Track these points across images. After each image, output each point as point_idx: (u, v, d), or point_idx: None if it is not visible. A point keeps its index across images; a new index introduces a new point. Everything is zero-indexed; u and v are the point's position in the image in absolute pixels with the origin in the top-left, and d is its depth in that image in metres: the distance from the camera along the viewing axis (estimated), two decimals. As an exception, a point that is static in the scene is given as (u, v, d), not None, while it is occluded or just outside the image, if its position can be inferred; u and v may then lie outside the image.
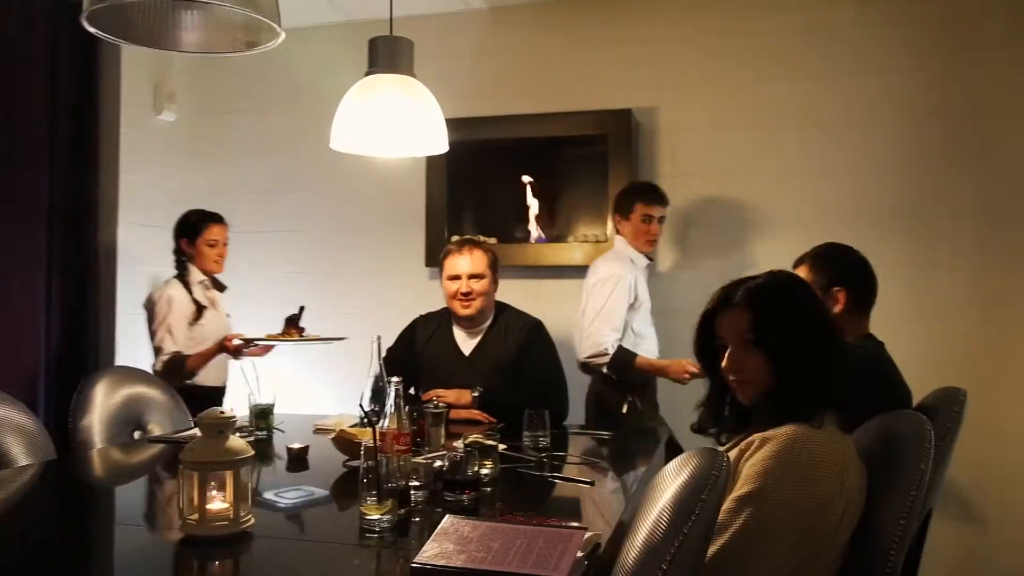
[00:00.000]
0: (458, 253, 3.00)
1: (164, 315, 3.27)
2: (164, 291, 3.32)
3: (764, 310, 1.58)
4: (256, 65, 4.09)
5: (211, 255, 3.38)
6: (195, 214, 3.40)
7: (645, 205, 3.26)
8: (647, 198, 3.27)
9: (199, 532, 1.55)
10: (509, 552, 1.39)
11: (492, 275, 3.01)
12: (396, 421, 1.84)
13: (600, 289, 3.23)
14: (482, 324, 3.05)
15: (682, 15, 3.66)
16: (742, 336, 1.59)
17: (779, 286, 1.62)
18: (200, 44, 1.87)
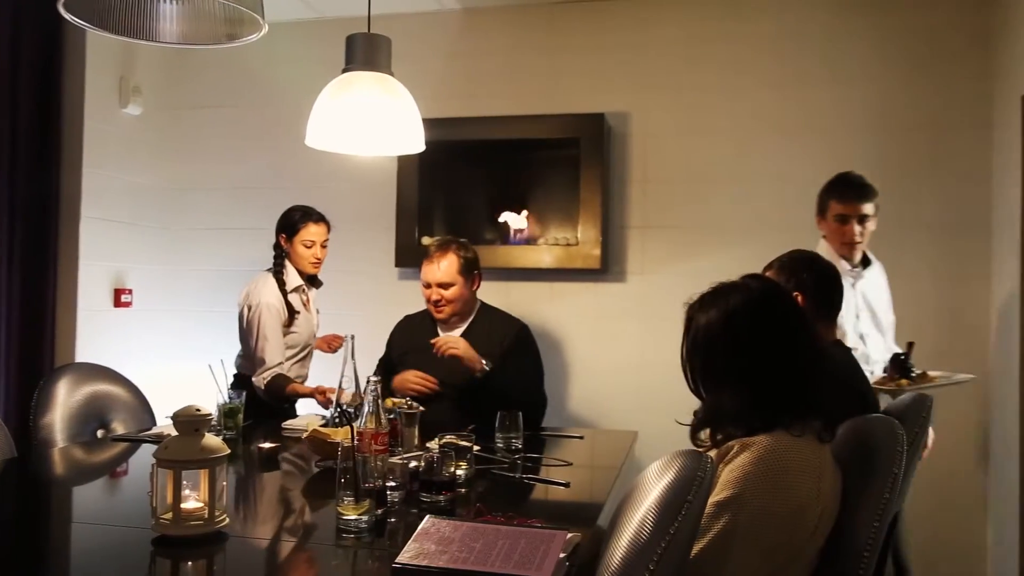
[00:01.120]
0: (430, 260, 3.04)
1: (259, 323, 3.10)
2: (259, 295, 3.13)
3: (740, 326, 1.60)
4: (226, 60, 4.06)
5: (307, 256, 3.21)
6: (297, 211, 3.24)
7: (839, 202, 2.81)
8: (841, 193, 2.82)
9: (173, 532, 1.52)
10: (491, 553, 1.39)
11: (464, 279, 3.03)
12: (374, 421, 1.82)
13: None
14: (461, 322, 3.10)
15: (655, 22, 3.69)
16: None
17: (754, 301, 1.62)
18: (180, 35, 1.84)
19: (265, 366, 3.07)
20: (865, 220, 2.79)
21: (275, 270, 3.21)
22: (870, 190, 2.81)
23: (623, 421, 3.56)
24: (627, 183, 3.72)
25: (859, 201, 2.78)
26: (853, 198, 2.78)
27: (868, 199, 2.79)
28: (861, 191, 2.80)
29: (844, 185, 2.83)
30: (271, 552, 1.55)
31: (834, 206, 2.82)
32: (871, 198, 2.80)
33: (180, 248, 4.15)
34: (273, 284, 3.16)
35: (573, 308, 3.74)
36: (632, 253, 3.71)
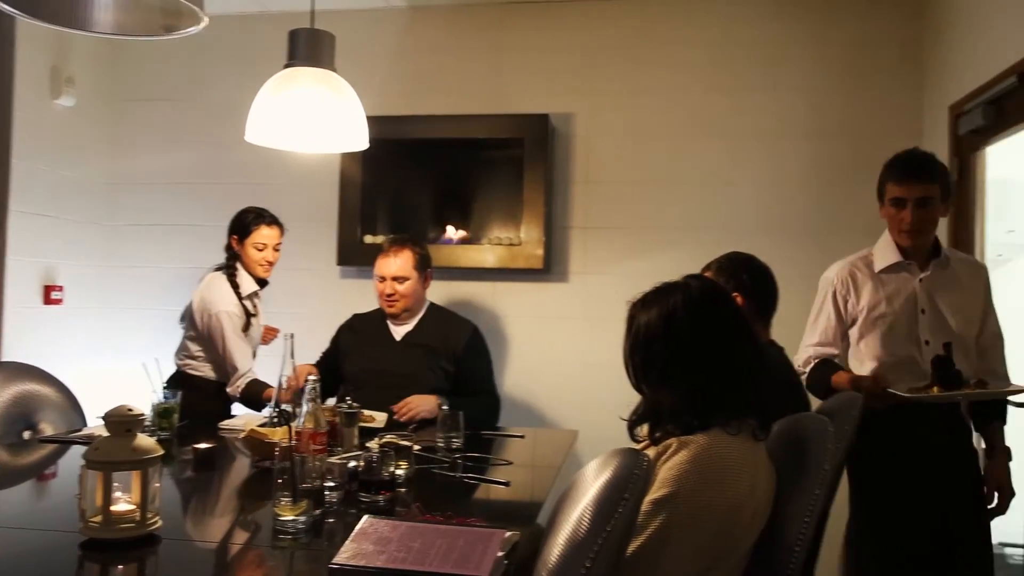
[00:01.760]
0: (386, 255, 3.10)
1: (223, 332, 3.01)
2: (217, 303, 3.04)
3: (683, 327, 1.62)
4: (166, 52, 3.97)
5: (258, 259, 3.13)
6: (251, 212, 3.16)
7: (895, 183, 2.37)
8: (897, 173, 2.38)
9: (102, 535, 1.49)
10: (430, 552, 1.38)
11: (419, 274, 3.10)
12: (312, 420, 1.81)
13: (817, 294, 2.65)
14: (412, 318, 3.15)
15: (600, 24, 3.72)
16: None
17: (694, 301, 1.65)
18: (115, 25, 1.79)
19: (238, 373, 3.02)
20: (927, 204, 2.32)
21: (228, 273, 3.14)
22: (932, 169, 2.35)
23: (564, 420, 3.59)
24: (570, 184, 3.75)
25: (918, 181, 2.32)
26: (910, 177, 2.33)
27: (929, 179, 2.33)
28: (921, 169, 2.35)
29: (902, 163, 2.38)
30: (205, 554, 1.52)
31: (890, 188, 2.38)
32: (934, 179, 2.33)
33: (114, 245, 4.04)
34: (228, 289, 3.10)
35: (515, 308, 3.75)
36: (574, 253, 3.73)
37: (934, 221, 2.36)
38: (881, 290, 2.41)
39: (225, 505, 1.91)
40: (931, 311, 2.36)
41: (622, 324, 1.78)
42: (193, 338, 3.13)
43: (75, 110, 3.80)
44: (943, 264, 2.41)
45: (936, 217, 2.36)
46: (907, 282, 2.39)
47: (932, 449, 2.34)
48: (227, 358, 3.03)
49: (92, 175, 3.96)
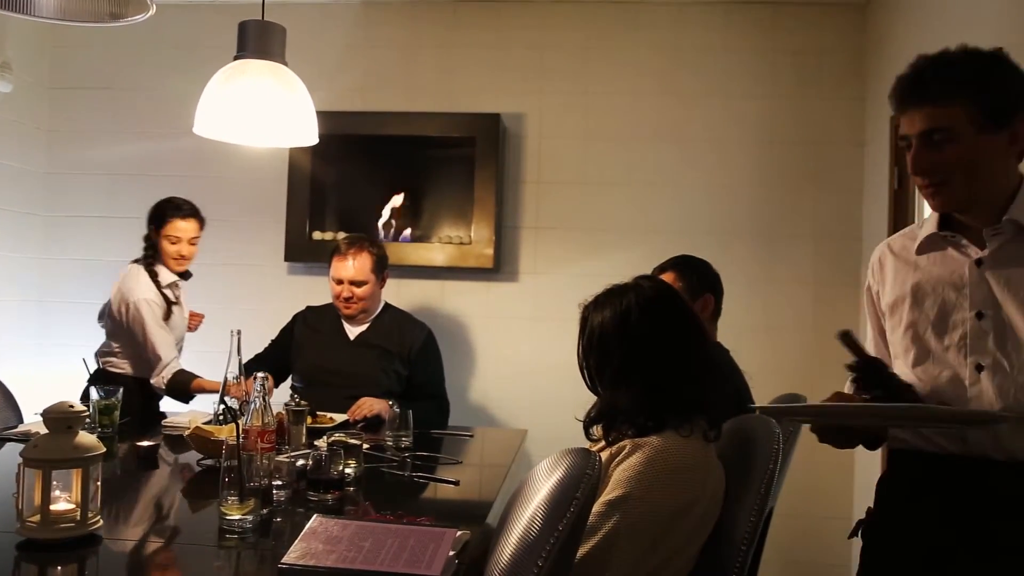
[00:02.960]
0: (343, 257, 3.03)
1: (143, 321, 2.92)
2: (134, 292, 2.95)
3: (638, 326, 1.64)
4: (109, 39, 3.87)
5: (170, 252, 3.03)
6: (168, 203, 3.06)
7: (899, 115, 1.51)
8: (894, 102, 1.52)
9: (40, 535, 1.44)
10: (380, 551, 1.37)
11: (376, 277, 3.07)
12: (260, 418, 1.78)
13: None
14: (367, 318, 3.13)
15: (553, 24, 3.73)
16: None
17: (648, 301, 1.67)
18: (58, 10, 1.74)
19: (161, 363, 2.95)
20: (940, 138, 1.42)
21: (146, 263, 3.06)
22: (947, 80, 1.42)
23: (514, 420, 3.60)
24: (521, 183, 3.75)
25: (917, 104, 1.45)
26: (908, 102, 1.47)
27: (938, 98, 1.42)
28: (921, 86, 1.45)
29: (899, 82, 1.50)
30: (148, 554, 1.49)
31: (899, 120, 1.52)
32: (949, 95, 1.41)
33: (51, 236, 3.92)
34: (146, 277, 3.02)
35: (465, 307, 3.75)
36: (525, 253, 3.74)
37: (970, 163, 1.41)
38: (910, 278, 1.54)
39: (169, 504, 1.87)
40: (995, 314, 1.42)
41: (572, 324, 1.79)
42: (113, 333, 3.04)
43: (11, 96, 3.67)
44: (1015, 232, 1.42)
45: (975, 156, 1.41)
46: (953, 265, 1.48)
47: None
48: (149, 348, 2.94)
49: (29, 163, 3.84)
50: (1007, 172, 1.45)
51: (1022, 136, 1.42)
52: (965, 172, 1.43)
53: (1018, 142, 1.42)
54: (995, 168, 1.43)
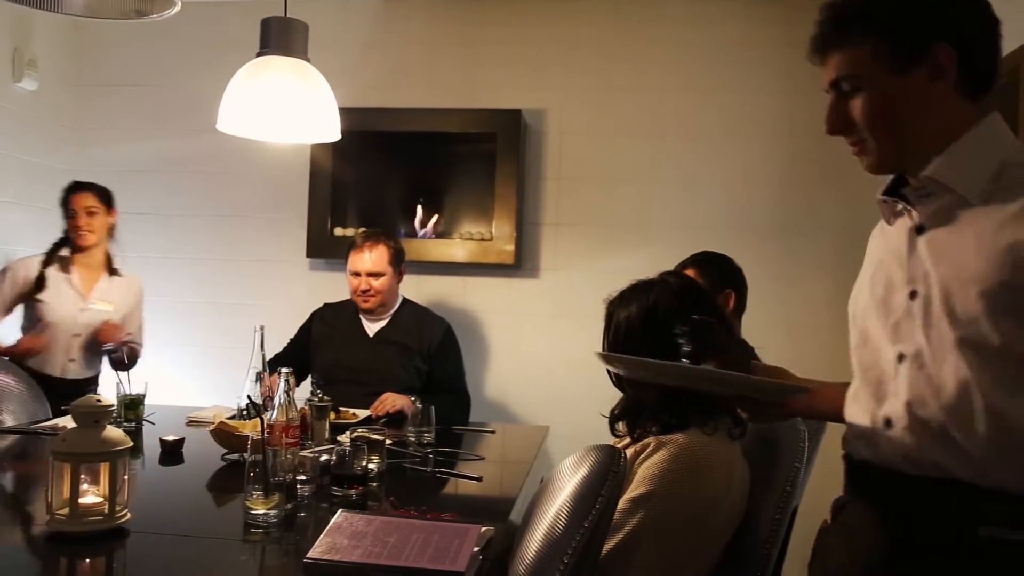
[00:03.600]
0: (360, 250, 3.06)
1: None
2: (15, 256, 3.05)
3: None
4: (134, 36, 3.89)
5: (70, 225, 3.10)
6: (72, 183, 3.15)
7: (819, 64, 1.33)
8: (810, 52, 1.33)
9: (69, 528, 1.46)
10: (405, 547, 1.38)
11: (393, 269, 3.09)
12: (284, 413, 1.79)
13: None
14: (385, 313, 3.13)
15: (574, 20, 3.72)
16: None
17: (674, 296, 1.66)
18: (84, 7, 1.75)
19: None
20: (847, 88, 1.25)
21: (55, 244, 3.14)
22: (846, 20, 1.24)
23: (534, 416, 3.60)
24: (542, 180, 3.75)
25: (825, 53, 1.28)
26: (817, 52, 1.30)
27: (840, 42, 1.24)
28: (826, 34, 1.27)
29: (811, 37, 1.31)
30: (176, 548, 1.50)
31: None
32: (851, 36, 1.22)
33: (77, 232, 3.95)
34: (39, 255, 3.11)
35: (486, 303, 3.75)
36: (545, 249, 3.73)
37: (887, 112, 1.21)
38: (876, 255, 1.35)
39: (194, 498, 1.89)
40: (925, 293, 1.17)
41: (593, 320, 1.78)
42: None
43: (37, 94, 3.71)
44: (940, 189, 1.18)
45: (892, 102, 1.20)
46: (900, 236, 1.26)
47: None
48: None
49: (55, 160, 3.87)
50: (942, 116, 1.18)
51: (946, 67, 1.15)
52: (884, 123, 1.21)
53: (943, 76, 1.16)
54: (922, 113, 1.19)
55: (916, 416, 1.15)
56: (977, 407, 1.09)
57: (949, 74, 1.16)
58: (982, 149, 1.16)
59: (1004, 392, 1.08)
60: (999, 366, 1.09)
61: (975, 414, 1.09)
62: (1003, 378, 1.08)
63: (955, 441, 1.11)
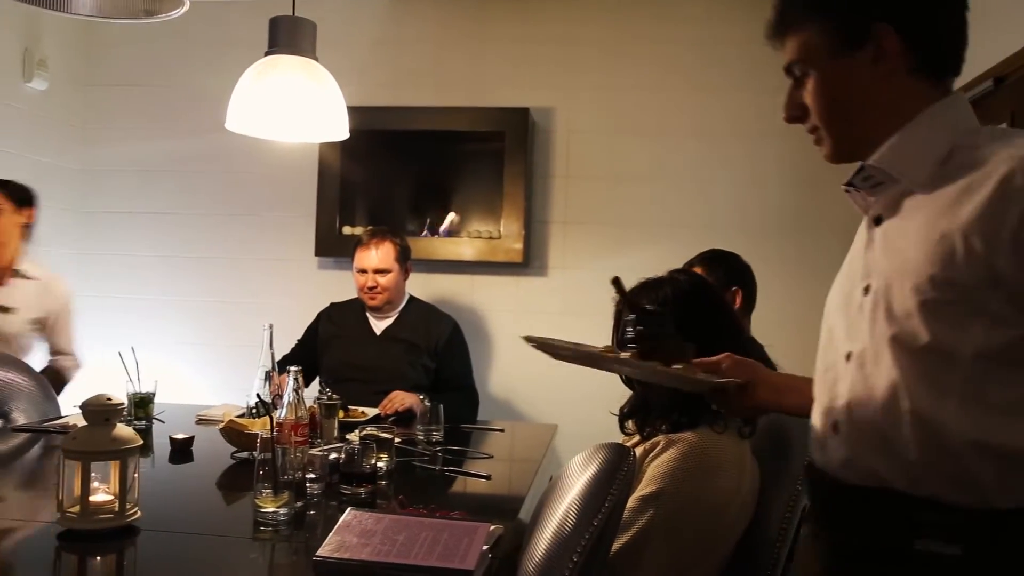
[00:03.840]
0: (366, 247, 3.08)
1: None
2: None
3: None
4: (142, 36, 3.90)
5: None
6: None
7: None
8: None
9: (80, 526, 1.46)
10: (414, 545, 1.38)
11: (400, 267, 3.10)
12: (293, 412, 1.79)
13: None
14: (392, 311, 3.14)
15: (582, 19, 3.72)
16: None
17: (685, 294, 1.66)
18: (94, 7, 1.75)
19: None
20: (797, 71, 1.21)
21: None
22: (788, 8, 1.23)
23: (542, 415, 3.60)
24: (550, 178, 3.74)
25: (777, 39, 1.25)
26: (770, 39, 1.27)
27: (789, 29, 1.21)
28: (777, 19, 1.25)
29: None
30: (185, 546, 1.50)
31: None
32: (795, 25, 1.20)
33: (88, 231, 3.97)
34: None
35: (494, 301, 3.75)
36: (554, 248, 3.73)
37: (833, 97, 1.16)
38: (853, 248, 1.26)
39: (204, 496, 1.89)
40: (876, 287, 1.10)
41: (602, 319, 1.78)
42: None
43: (47, 93, 3.73)
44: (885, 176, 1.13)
45: (837, 86, 1.15)
46: (863, 227, 1.23)
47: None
48: None
49: (65, 160, 3.89)
50: (894, 100, 1.11)
51: (889, 50, 1.10)
52: (832, 108, 1.17)
53: (886, 59, 1.10)
54: (870, 98, 1.13)
55: (853, 420, 1.10)
56: (904, 410, 1.03)
57: (893, 57, 1.10)
58: (932, 133, 1.09)
59: (933, 395, 1.01)
60: (928, 367, 1.02)
61: (903, 417, 1.03)
62: (932, 380, 1.02)
63: (887, 447, 1.05)
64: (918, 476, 1.03)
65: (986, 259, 0.97)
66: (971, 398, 1.00)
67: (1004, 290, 0.97)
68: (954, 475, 1.00)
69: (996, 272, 0.97)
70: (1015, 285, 0.97)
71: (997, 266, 0.97)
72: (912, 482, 1.03)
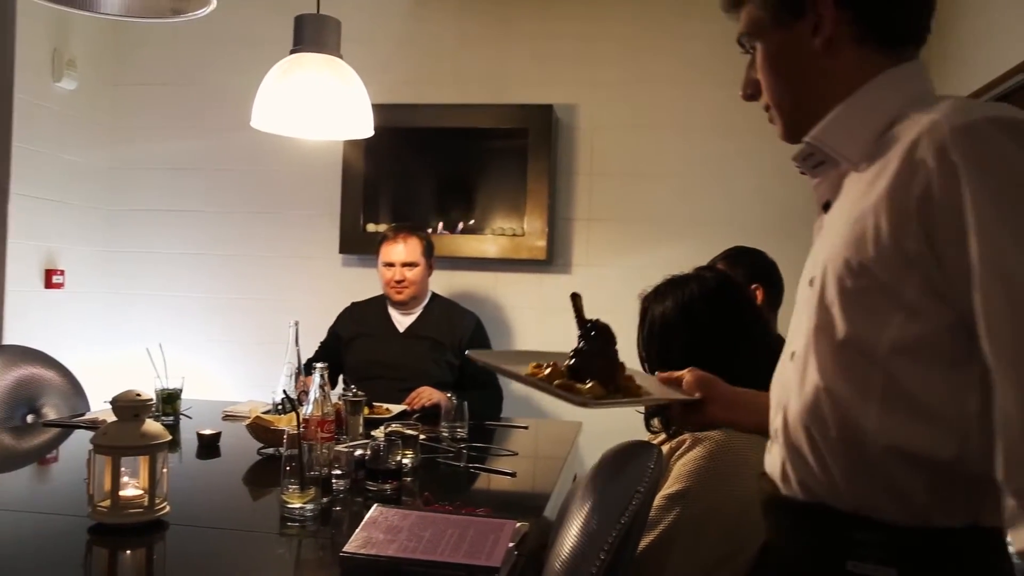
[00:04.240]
0: (393, 241, 3.10)
1: None
2: None
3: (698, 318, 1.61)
4: (168, 35, 3.94)
5: None
6: None
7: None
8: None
9: (110, 520, 1.48)
10: (440, 542, 1.38)
11: (426, 261, 3.12)
12: (320, 408, 1.80)
13: None
14: (416, 307, 3.15)
15: (605, 16, 3.70)
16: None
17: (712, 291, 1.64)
18: (122, 7, 1.77)
19: None
20: (747, 44, 1.17)
21: None
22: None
23: (565, 412, 3.58)
24: (574, 175, 3.74)
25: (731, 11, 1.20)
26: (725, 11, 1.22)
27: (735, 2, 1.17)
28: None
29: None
30: (214, 541, 1.51)
31: None
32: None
33: (116, 229, 4.02)
34: None
35: (518, 299, 3.75)
36: (577, 245, 3.72)
37: (778, 69, 1.11)
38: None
39: (231, 492, 1.91)
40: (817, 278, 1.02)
41: (625, 317, 1.77)
42: None
43: (76, 93, 3.77)
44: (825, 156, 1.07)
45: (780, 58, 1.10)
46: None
47: None
48: None
49: (93, 159, 3.94)
50: (840, 73, 1.03)
51: (828, 19, 1.01)
52: (776, 82, 1.11)
53: (825, 28, 1.02)
54: (814, 71, 1.05)
55: (787, 425, 1.02)
56: (828, 413, 0.95)
57: (834, 25, 1.01)
58: (873, 105, 1.00)
59: (856, 397, 0.93)
60: (849, 364, 0.94)
61: (828, 422, 0.95)
62: (853, 380, 0.93)
63: (817, 457, 0.97)
64: (846, 490, 0.95)
65: (895, 240, 0.88)
66: (893, 401, 0.90)
67: (918, 275, 0.87)
68: (883, 488, 0.92)
69: (907, 254, 0.87)
70: (926, 268, 0.87)
71: (906, 247, 0.87)
72: (841, 496, 0.95)
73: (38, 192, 3.56)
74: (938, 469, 0.90)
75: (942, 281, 0.86)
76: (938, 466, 0.89)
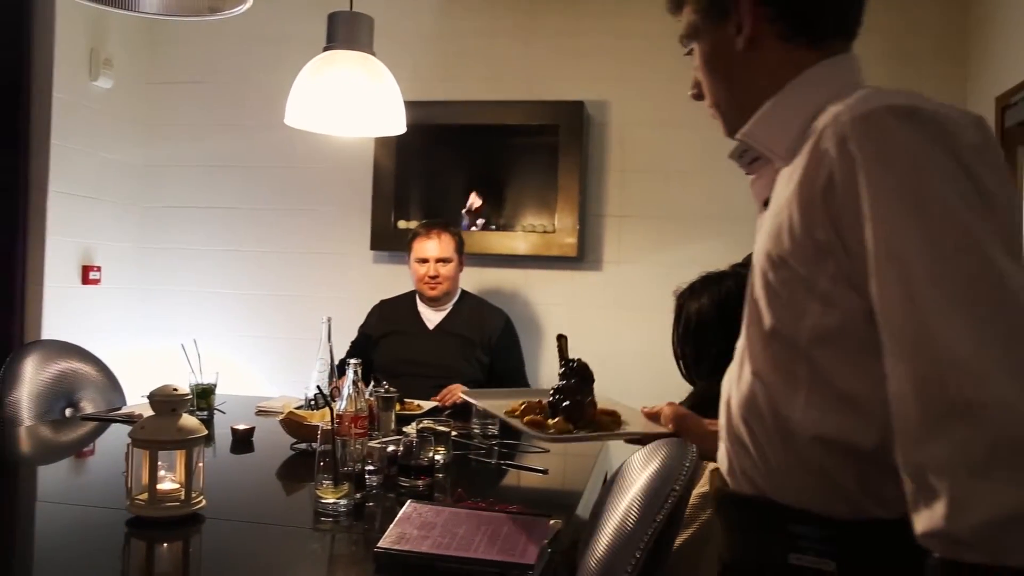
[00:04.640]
0: (426, 237, 3.11)
1: None
2: None
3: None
4: (203, 33, 3.98)
5: None
6: None
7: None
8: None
9: (148, 513, 1.50)
10: (474, 538, 1.38)
11: (459, 257, 3.14)
12: (353, 404, 1.81)
13: None
14: (447, 303, 3.17)
15: (635, 11, 3.67)
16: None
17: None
18: (159, 5, 1.79)
19: None
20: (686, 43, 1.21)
21: None
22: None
23: (596, 409, 3.57)
24: (605, 171, 3.72)
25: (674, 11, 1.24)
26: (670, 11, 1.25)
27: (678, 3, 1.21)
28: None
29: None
30: (249, 535, 1.53)
31: None
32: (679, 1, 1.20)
33: (151, 226, 4.07)
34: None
35: (548, 296, 3.74)
36: (608, 242, 3.70)
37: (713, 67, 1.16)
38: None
39: (266, 487, 1.92)
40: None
41: (657, 314, 1.76)
42: None
43: (113, 91, 3.82)
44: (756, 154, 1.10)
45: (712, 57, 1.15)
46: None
47: None
48: None
49: (130, 156, 3.99)
50: (769, 70, 1.05)
51: (748, 19, 1.05)
52: (711, 81, 1.16)
53: (744, 29, 1.06)
54: (742, 70, 1.09)
55: (730, 420, 1.05)
56: (762, 405, 0.97)
57: (754, 24, 1.04)
58: (799, 100, 1.01)
59: (787, 389, 0.95)
60: (777, 356, 0.96)
61: (763, 414, 0.97)
62: (782, 371, 0.95)
63: (758, 449, 0.99)
64: (784, 482, 0.96)
65: (807, 231, 0.89)
66: (817, 391, 0.92)
67: (831, 264, 0.88)
68: (817, 480, 0.93)
69: (818, 244, 0.89)
70: (837, 256, 0.87)
71: (817, 237, 0.89)
72: (780, 489, 0.97)
73: (75, 189, 3.61)
74: (865, 459, 0.90)
75: (851, 269, 0.87)
76: (864, 456, 0.90)
